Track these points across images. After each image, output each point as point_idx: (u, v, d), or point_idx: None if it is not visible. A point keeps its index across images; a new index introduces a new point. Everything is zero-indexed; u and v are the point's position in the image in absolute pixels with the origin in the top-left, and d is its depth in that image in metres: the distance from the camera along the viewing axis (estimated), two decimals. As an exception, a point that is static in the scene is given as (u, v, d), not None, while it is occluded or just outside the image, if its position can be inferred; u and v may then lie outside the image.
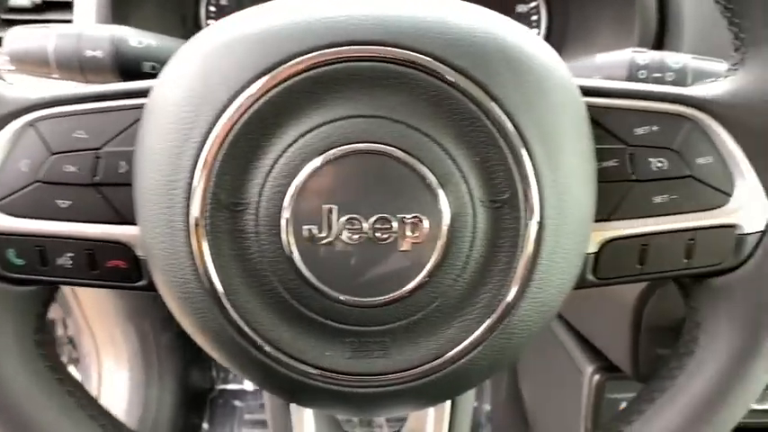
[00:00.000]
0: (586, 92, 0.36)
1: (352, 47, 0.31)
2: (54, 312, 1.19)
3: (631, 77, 0.49)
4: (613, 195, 0.36)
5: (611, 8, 0.70)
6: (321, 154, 0.32)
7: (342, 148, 0.32)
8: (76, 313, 1.16)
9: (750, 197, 0.36)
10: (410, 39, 0.32)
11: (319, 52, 0.31)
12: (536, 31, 0.81)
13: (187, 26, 0.82)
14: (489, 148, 0.32)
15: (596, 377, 0.89)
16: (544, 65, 0.33)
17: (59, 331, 1.26)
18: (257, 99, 0.32)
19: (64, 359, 1.27)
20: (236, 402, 1.40)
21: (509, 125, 0.32)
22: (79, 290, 1.01)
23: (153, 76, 0.49)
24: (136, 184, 0.34)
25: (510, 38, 0.33)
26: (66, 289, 0.95)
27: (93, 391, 1.19)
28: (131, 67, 0.48)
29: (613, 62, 0.49)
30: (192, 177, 0.32)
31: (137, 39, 0.48)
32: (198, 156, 0.32)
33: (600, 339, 0.90)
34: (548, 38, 0.80)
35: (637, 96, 0.36)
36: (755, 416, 0.82)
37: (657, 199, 0.36)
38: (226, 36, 0.33)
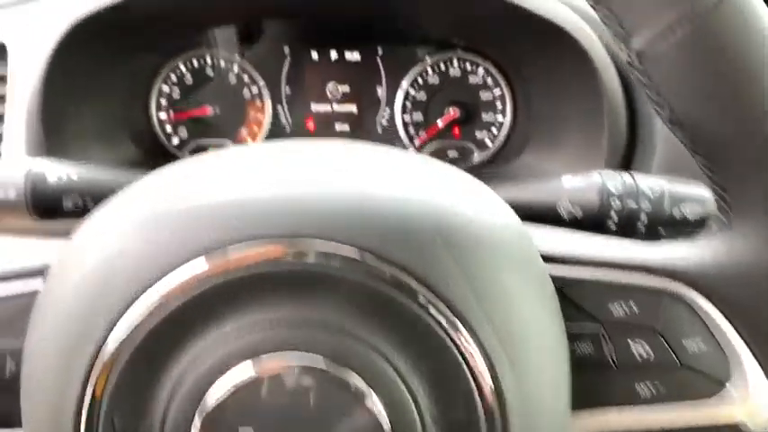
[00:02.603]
0: (549, 259, 0.32)
1: (267, 246, 0.26)
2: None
3: (603, 204, 0.45)
4: (589, 383, 0.31)
5: (577, 104, 0.66)
6: (234, 368, 0.27)
7: (261, 362, 0.27)
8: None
9: (751, 388, 0.31)
10: (334, 230, 0.27)
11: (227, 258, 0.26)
12: (500, 116, 0.78)
13: (135, 128, 0.76)
14: (436, 353, 0.27)
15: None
16: (499, 242, 0.29)
17: None
18: (152, 312, 0.26)
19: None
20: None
21: (459, 325, 0.27)
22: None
23: (74, 213, 0.44)
24: (23, 394, 0.29)
25: (453, 216, 0.28)
26: None
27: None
28: (50, 205, 0.43)
29: (583, 187, 0.46)
30: (80, 404, 0.27)
31: (56, 174, 0.43)
32: (87, 379, 0.27)
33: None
34: (513, 126, 0.77)
35: (609, 266, 0.32)
36: None
37: (641, 388, 0.31)
38: (122, 226, 0.28)
